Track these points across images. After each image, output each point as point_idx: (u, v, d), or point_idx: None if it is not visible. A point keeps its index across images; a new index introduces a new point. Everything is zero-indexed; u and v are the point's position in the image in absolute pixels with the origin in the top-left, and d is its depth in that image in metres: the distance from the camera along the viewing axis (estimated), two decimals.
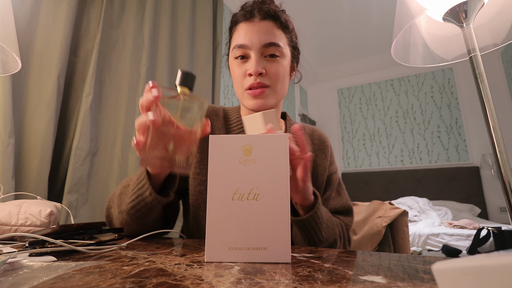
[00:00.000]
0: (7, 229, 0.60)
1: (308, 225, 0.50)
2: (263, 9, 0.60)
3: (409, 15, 0.56)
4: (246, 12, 0.62)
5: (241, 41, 0.60)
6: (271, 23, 0.61)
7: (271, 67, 0.60)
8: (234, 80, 0.64)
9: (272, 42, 0.60)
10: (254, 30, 0.60)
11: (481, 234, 2.01)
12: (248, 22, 0.61)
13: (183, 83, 0.42)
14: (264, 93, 0.60)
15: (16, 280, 0.26)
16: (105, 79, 1.27)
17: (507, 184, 0.44)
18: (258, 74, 0.59)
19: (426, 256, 0.38)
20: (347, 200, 0.69)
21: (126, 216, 0.53)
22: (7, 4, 0.67)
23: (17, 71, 0.73)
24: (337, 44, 3.65)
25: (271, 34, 0.60)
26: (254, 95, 0.60)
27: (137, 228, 0.55)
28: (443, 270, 0.16)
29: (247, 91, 0.60)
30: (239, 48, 0.60)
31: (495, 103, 0.55)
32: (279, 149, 0.38)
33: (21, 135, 1.00)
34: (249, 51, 0.60)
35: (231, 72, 0.65)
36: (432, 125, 3.65)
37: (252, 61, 0.59)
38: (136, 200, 0.50)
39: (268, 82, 0.60)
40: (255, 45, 0.59)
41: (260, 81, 0.59)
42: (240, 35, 0.61)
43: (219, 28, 1.95)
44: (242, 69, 0.61)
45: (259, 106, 0.60)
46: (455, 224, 2.34)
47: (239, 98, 0.65)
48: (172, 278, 0.28)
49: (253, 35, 0.59)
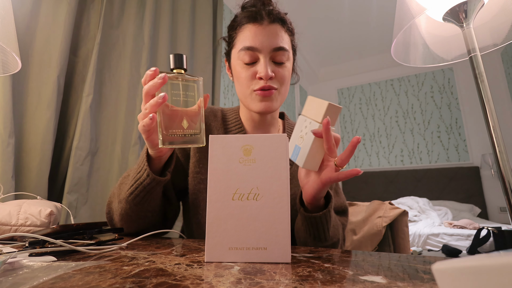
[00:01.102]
0: (7, 229, 0.60)
1: (319, 222, 0.50)
2: (272, 12, 0.60)
3: (409, 15, 0.56)
4: (253, 13, 0.61)
5: (250, 43, 0.59)
6: (280, 26, 0.61)
7: (279, 71, 0.61)
8: (239, 81, 0.63)
9: (281, 47, 0.60)
10: (264, 33, 0.59)
11: (481, 234, 2.01)
12: (257, 24, 0.60)
13: (178, 65, 0.46)
14: (272, 95, 0.61)
15: (16, 280, 0.26)
16: (105, 79, 1.27)
17: (507, 184, 0.44)
18: (269, 78, 0.59)
19: (426, 256, 0.38)
20: (344, 200, 0.70)
21: (125, 204, 0.54)
22: (7, 4, 0.67)
23: (17, 71, 0.73)
24: (337, 44, 3.65)
25: (280, 38, 0.60)
26: (263, 96, 0.60)
27: (136, 218, 0.55)
28: (443, 270, 0.16)
29: (256, 91, 0.60)
30: (247, 50, 0.60)
31: (495, 103, 0.55)
32: (279, 149, 0.38)
33: (21, 135, 1.00)
34: (258, 54, 0.60)
35: (235, 72, 0.64)
36: (432, 125, 3.65)
37: (262, 65, 0.59)
38: (135, 185, 0.52)
39: (276, 85, 0.61)
40: (265, 48, 0.59)
41: (270, 84, 0.60)
42: (249, 37, 0.60)
43: (219, 28, 1.95)
44: (249, 71, 0.61)
45: (266, 108, 0.61)
46: (455, 224, 2.34)
47: (243, 99, 0.64)
48: (172, 278, 0.28)
49: (263, 38, 0.59)
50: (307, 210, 0.51)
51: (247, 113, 0.69)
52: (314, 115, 0.46)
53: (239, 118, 0.71)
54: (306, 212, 0.51)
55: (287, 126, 0.74)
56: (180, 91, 0.45)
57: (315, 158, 0.45)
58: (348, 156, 0.42)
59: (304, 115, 0.49)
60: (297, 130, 0.49)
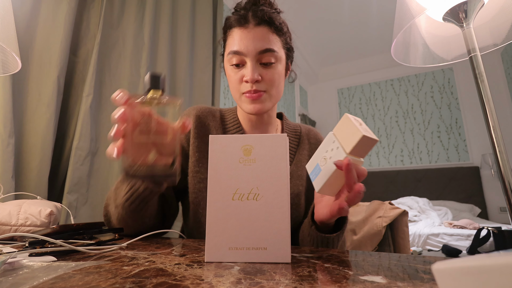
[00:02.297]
0: (7, 229, 0.60)
1: (330, 241, 0.49)
2: (257, 14, 0.60)
3: (409, 15, 0.56)
4: (240, 16, 0.61)
5: (236, 47, 0.60)
6: (266, 28, 0.60)
7: (267, 73, 0.61)
8: (230, 84, 0.64)
9: (268, 48, 0.59)
10: (249, 37, 0.59)
11: (481, 234, 2.00)
12: (242, 28, 0.60)
13: (153, 86, 0.39)
14: (261, 97, 0.61)
15: (16, 280, 0.26)
16: (105, 79, 1.27)
17: (507, 184, 0.44)
18: (255, 82, 0.60)
19: (426, 256, 0.38)
20: None
21: (121, 210, 0.53)
22: (7, 4, 0.67)
23: (17, 71, 0.73)
24: (337, 44, 3.65)
25: (266, 40, 0.60)
26: (252, 99, 0.61)
27: (133, 223, 0.55)
28: (443, 270, 0.16)
29: (245, 94, 0.61)
30: (234, 54, 0.60)
31: (495, 103, 0.55)
32: (279, 149, 0.38)
33: (21, 135, 1.00)
34: (244, 58, 0.60)
35: (227, 75, 0.66)
36: (432, 125, 3.65)
37: (248, 69, 0.59)
38: (130, 191, 0.51)
39: (264, 88, 0.61)
40: (251, 52, 0.59)
41: (256, 88, 0.60)
42: (235, 41, 0.61)
43: (219, 28, 1.95)
44: (238, 75, 0.61)
45: (257, 110, 0.62)
46: (455, 224, 2.34)
47: (236, 101, 0.65)
48: (172, 278, 0.28)
49: (248, 42, 0.59)
50: (318, 229, 0.49)
51: (244, 113, 0.69)
52: (344, 141, 0.41)
53: (237, 118, 0.71)
54: (318, 231, 0.49)
55: (286, 127, 0.74)
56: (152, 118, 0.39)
57: (331, 187, 0.42)
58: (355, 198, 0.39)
59: (335, 135, 0.43)
60: (323, 147, 0.45)
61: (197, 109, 0.70)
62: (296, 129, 0.75)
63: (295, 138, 0.73)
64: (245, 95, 0.61)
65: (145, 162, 0.39)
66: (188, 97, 1.66)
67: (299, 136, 0.74)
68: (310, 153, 0.72)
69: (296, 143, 0.72)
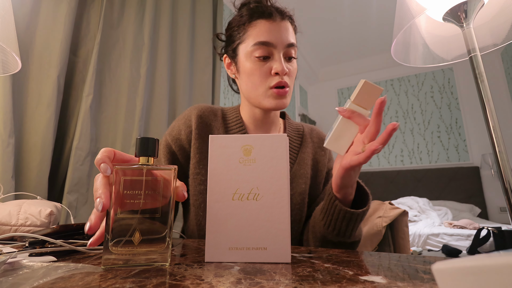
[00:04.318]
0: (7, 229, 0.60)
1: (353, 219, 0.47)
2: (281, 10, 0.62)
3: (409, 15, 0.56)
4: (263, 8, 0.62)
5: (265, 38, 0.59)
6: (289, 23, 0.62)
7: (290, 67, 0.62)
8: (252, 78, 0.61)
9: (293, 43, 0.61)
10: (278, 29, 0.60)
11: (481, 234, 2.00)
12: (271, 20, 0.60)
13: (143, 153, 0.34)
14: (287, 93, 0.61)
15: (16, 280, 0.26)
16: (105, 79, 1.27)
17: (507, 184, 0.44)
18: (285, 74, 0.60)
19: (426, 256, 0.38)
20: None
21: None
22: (7, 4, 0.67)
23: (17, 71, 0.73)
24: (337, 44, 3.65)
25: (291, 35, 0.62)
26: (279, 94, 0.60)
27: None
28: (443, 270, 0.16)
29: (273, 89, 0.60)
30: (261, 45, 0.59)
31: (495, 103, 0.54)
32: (279, 149, 0.38)
33: (21, 135, 1.00)
34: (273, 50, 0.60)
35: (245, 68, 0.62)
36: (432, 125, 3.65)
37: (278, 60, 0.59)
38: None
39: (289, 82, 0.62)
40: (280, 44, 0.60)
41: (285, 81, 0.60)
42: (263, 32, 0.60)
43: (219, 29, 1.95)
44: (265, 67, 0.60)
45: (280, 105, 0.61)
46: (455, 224, 2.34)
47: (254, 95, 0.62)
48: (172, 278, 0.28)
49: (278, 34, 0.60)
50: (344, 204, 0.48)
51: (249, 111, 0.68)
52: (352, 95, 0.43)
53: (239, 117, 0.70)
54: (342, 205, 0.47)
55: (288, 126, 0.74)
56: (141, 191, 0.33)
57: (338, 139, 0.43)
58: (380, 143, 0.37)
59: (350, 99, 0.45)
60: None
61: (199, 108, 0.68)
62: (298, 128, 0.75)
63: (298, 138, 0.73)
64: (273, 90, 0.60)
65: (128, 243, 0.32)
66: (188, 97, 1.66)
67: (302, 135, 0.73)
68: (313, 152, 0.72)
69: (299, 142, 0.72)
